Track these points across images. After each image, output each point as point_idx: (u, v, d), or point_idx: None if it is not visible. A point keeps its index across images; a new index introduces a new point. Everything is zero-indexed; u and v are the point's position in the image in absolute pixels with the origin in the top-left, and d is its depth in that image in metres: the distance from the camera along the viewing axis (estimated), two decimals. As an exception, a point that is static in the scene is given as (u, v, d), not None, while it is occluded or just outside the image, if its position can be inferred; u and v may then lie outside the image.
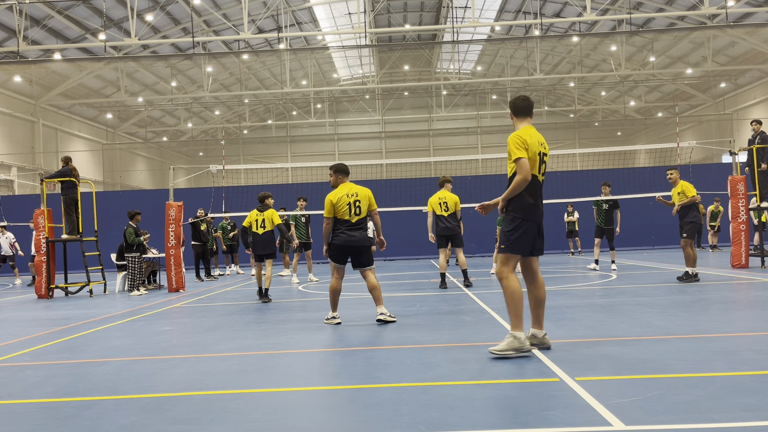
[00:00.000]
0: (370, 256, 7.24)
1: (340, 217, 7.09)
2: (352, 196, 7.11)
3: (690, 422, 3.21)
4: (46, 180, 13.68)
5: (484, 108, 47.92)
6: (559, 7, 33.11)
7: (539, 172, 5.20)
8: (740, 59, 33.68)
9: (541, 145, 5.21)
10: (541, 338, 5.26)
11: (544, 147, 5.25)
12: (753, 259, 13.84)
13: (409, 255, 23.30)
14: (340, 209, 7.06)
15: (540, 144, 5.20)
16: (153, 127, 45.04)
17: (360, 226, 7.12)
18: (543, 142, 5.27)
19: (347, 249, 7.08)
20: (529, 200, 5.13)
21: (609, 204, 14.12)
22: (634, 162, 39.95)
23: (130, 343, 6.50)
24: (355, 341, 6.18)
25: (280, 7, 30.26)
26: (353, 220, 7.10)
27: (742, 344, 5.12)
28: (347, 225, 7.08)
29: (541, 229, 5.30)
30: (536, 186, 5.18)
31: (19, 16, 23.66)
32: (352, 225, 7.09)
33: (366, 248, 7.17)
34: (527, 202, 5.13)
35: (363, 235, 7.12)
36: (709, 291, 9.07)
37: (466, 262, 11.52)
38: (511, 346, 4.96)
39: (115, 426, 3.59)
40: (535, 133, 5.23)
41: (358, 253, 7.13)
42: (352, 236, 7.05)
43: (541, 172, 5.23)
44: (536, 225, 5.21)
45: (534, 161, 5.11)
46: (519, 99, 5.39)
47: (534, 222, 5.17)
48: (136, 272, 12.99)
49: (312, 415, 3.68)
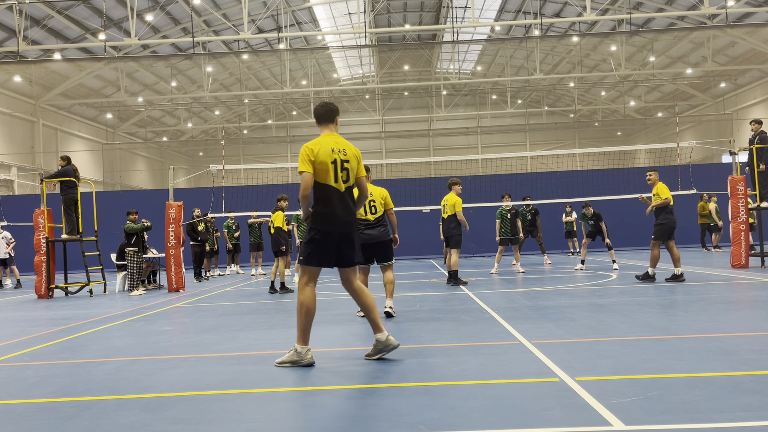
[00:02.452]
0: (391, 252, 7.58)
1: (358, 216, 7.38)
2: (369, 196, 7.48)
3: (690, 422, 3.21)
4: (47, 180, 13.67)
5: (484, 108, 47.93)
6: (559, 7, 33.11)
7: (336, 181, 5.00)
8: (740, 59, 33.68)
9: (339, 152, 5.02)
10: (385, 341, 5.05)
11: (342, 153, 5.03)
12: (753, 259, 13.84)
13: (409, 255, 23.29)
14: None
15: (336, 151, 5.01)
16: (153, 127, 45.05)
17: (378, 224, 7.48)
18: (343, 148, 5.06)
19: (367, 247, 7.33)
20: (324, 211, 5.00)
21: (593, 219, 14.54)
22: (634, 162, 39.96)
23: (130, 343, 6.50)
24: (354, 341, 6.18)
25: (280, 7, 30.26)
26: (371, 219, 7.45)
27: (742, 344, 5.12)
28: (366, 223, 7.42)
29: (349, 239, 5.08)
30: (333, 195, 5.00)
31: (19, 16, 23.66)
32: (370, 223, 7.44)
33: (386, 243, 7.51)
34: (322, 212, 5.01)
35: (380, 231, 7.48)
36: (709, 291, 9.07)
37: (456, 263, 11.63)
38: (290, 359, 4.99)
39: (115, 426, 3.59)
40: (332, 140, 5.07)
41: (378, 248, 7.48)
42: (371, 234, 7.40)
43: (343, 179, 5.03)
44: (336, 235, 5.03)
45: (326, 171, 4.96)
46: (318, 106, 5.26)
47: (332, 232, 5.01)
48: (135, 271, 13.00)
49: (312, 415, 3.68)
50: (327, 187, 4.99)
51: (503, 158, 28.41)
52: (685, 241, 22.99)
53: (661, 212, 10.61)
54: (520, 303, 8.47)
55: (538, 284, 11.28)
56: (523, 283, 11.79)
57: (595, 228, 14.43)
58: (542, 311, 7.53)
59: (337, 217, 5.01)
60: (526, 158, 40.35)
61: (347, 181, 5.08)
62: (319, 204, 5.02)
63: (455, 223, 11.47)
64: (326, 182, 4.99)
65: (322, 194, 5.01)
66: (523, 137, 48.55)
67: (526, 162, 40.66)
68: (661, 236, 10.53)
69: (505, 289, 10.56)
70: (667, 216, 10.54)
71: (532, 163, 40.35)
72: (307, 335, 5.04)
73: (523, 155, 24.86)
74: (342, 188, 5.04)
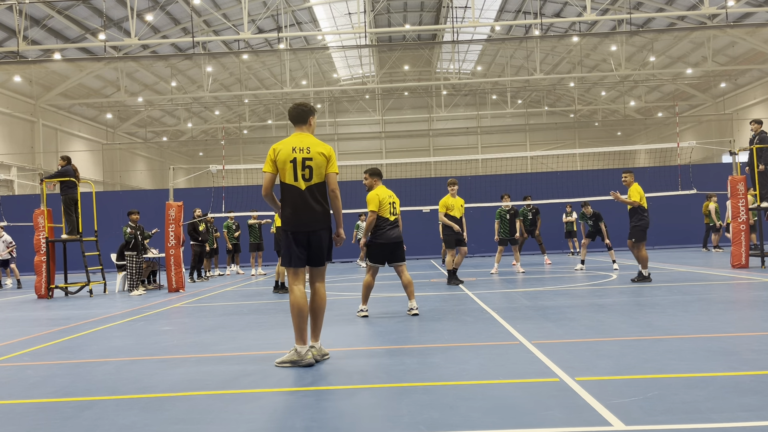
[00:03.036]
0: (404, 252, 7.92)
1: (382, 215, 7.72)
2: (390, 197, 7.86)
3: (690, 422, 3.21)
4: (47, 180, 13.67)
5: (484, 108, 47.93)
6: (559, 7, 33.11)
7: (296, 179, 5.00)
8: (740, 59, 33.67)
9: (301, 150, 5.00)
10: (303, 354, 5.01)
11: (304, 151, 5.01)
12: (753, 259, 13.84)
13: (409, 255, 23.26)
14: (383, 208, 7.71)
15: (298, 150, 5.00)
16: (153, 127, 45.05)
17: (396, 224, 7.85)
18: (306, 146, 5.03)
19: (388, 246, 7.74)
20: (287, 210, 5.06)
21: (593, 219, 14.53)
22: (634, 162, 39.97)
23: (130, 343, 6.50)
24: (354, 341, 6.18)
25: (280, 7, 30.26)
26: (392, 218, 7.79)
27: (742, 344, 5.12)
28: (389, 224, 7.76)
29: (317, 237, 5.06)
30: (293, 194, 5.01)
31: (19, 16, 23.66)
32: (391, 223, 7.79)
33: (400, 244, 7.88)
34: (285, 212, 5.07)
35: (399, 232, 7.87)
36: (709, 291, 9.07)
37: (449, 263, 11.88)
38: (290, 359, 5.02)
39: (115, 426, 3.59)
40: (297, 139, 5.07)
41: (395, 248, 7.80)
42: (392, 234, 7.76)
43: (305, 177, 5.00)
44: (302, 234, 5.03)
45: (285, 170, 4.99)
46: (291, 107, 5.28)
47: (295, 231, 5.03)
48: (134, 271, 13.00)
49: (312, 415, 3.68)
50: (287, 186, 5.05)
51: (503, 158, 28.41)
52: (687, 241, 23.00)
53: (636, 213, 10.70)
54: (520, 303, 8.47)
55: (538, 284, 11.28)
56: (523, 283, 11.79)
57: (595, 228, 14.43)
58: (542, 311, 7.53)
59: (297, 216, 5.03)
60: (526, 158, 40.33)
61: (309, 179, 5.03)
62: (283, 203, 5.11)
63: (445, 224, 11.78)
64: (286, 181, 5.04)
65: (284, 194, 5.09)
66: (523, 137, 48.55)
67: (526, 162, 40.65)
68: (639, 237, 10.62)
69: (505, 289, 10.56)
70: (642, 217, 10.66)
71: (532, 163, 40.33)
72: (304, 334, 5.03)
73: (523, 155, 24.83)
74: (302, 186, 5.02)
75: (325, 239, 5.12)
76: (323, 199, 5.11)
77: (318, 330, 5.21)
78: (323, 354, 5.20)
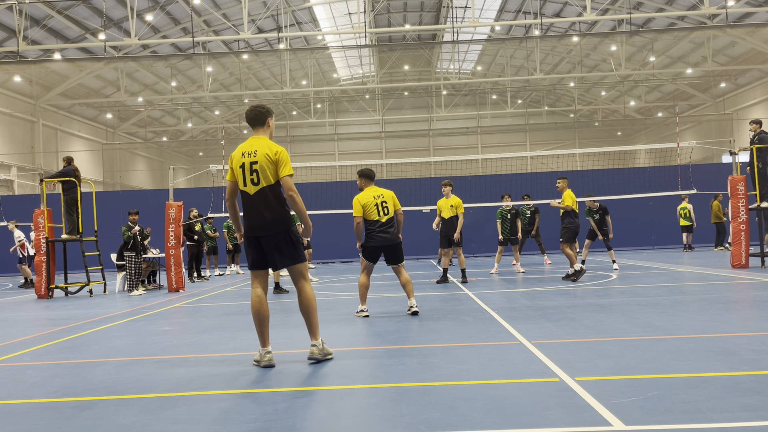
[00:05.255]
0: (402, 253, 7.79)
1: (370, 218, 7.58)
2: (378, 198, 7.64)
3: (690, 422, 3.21)
4: (47, 180, 13.68)
5: (484, 108, 47.93)
6: (559, 7, 33.11)
7: (245, 184, 4.97)
8: (740, 59, 33.68)
9: (249, 155, 4.94)
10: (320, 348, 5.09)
11: (251, 155, 4.94)
12: (753, 259, 13.84)
13: (409, 255, 23.24)
14: (369, 210, 7.57)
15: (246, 154, 4.95)
16: (153, 127, 45.05)
17: (390, 224, 7.65)
18: (254, 150, 4.95)
19: (381, 249, 7.67)
20: (242, 216, 5.13)
21: (599, 213, 14.36)
22: (634, 162, 39.95)
23: (130, 343, 6.50)
24: (354, 341, 6.18)
25: (280, 7, 30.26)
26: (383, 219, 7.61)
27: (742, 344, 5.12)
28: (378, 225, 7.60)
29: (270, 242, 4.99)
30: (245, 200, 5.01)
31: (19, 16, 23.66)
32: (383, 225, 7.61)
33: (397, 245, 7.73)
34: (242, 217, 5.12)
35: (394, 233, 7.66)
36: (709, 291, 9.07)
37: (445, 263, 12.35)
38: (256, 359, 5.08)
39: (115, 426, 3.59)
40: (249, 143, 5.03)
41: (391, 250, 7.69)
42: (385, 237, 7.60)
43: (253, 182, 4.95)
44: (255, 239, 5.00)
45: (237, 176, 5.00)
46: (248, 109, 5.22)
47: (248, 237, 5.03)
48: (133, 272, 13.00)
49: (312, 415, 3.68)
50: (241, 191, 5.06)
51: (503, 158, 28.40)
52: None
53: (567, 216, 11.58)
54: (520, 303, 8.47)
55: (538, 284, 11.29)
56: (523, 283, 11.80)
57: (601, 221, 14.25)
58: (542, 311, 7.53)
59: (247, 220, 5.04)
60: (526, 158, 40.33)
61: (257, 183, 4.96)
62: (245, 210, 5.10)
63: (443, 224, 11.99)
64: (240, 187, 5.05)
65: (241, 200, 5.11)
66: (523, 137, 48.54)
67: (526, 162, 40.64)
68: (568, 239, 11.47)
69: (505, 289, 10.56)
70: (572, 220, 11.55)
71: (532, 163, 40.32)
72: (263, 337, 5.03)
73: (523, 155, 24.81)
74: (251, 191, 4.99)
75: (281, 241, 5.00)
76: (278, 201, 5.00)
77: (314, 328, 5.14)
78: (326, 353, 5.16)
